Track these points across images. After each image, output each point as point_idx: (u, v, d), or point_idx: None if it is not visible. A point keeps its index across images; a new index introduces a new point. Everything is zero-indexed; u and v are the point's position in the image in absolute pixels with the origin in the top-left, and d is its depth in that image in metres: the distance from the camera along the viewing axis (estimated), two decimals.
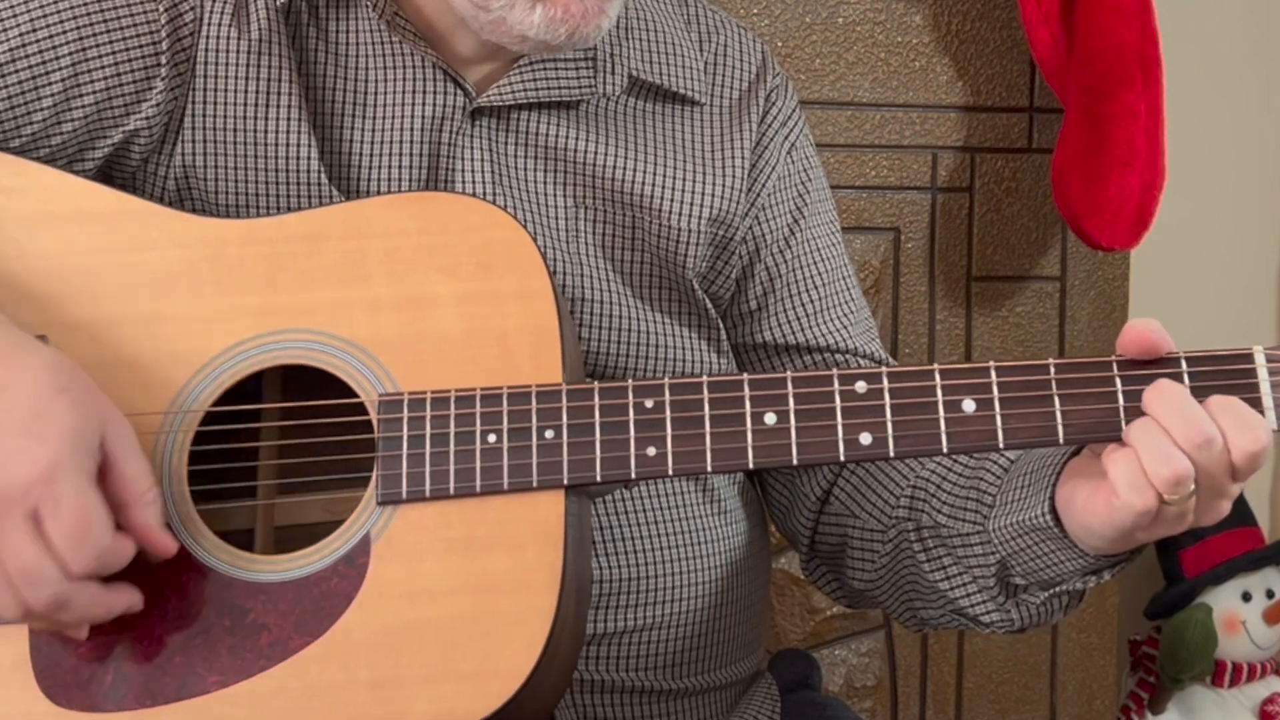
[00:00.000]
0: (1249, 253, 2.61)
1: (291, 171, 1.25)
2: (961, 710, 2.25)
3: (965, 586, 1.24)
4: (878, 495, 1.32)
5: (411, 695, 1.08)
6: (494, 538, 1.10)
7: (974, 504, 1.22)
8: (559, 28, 1.21)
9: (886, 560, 1.31)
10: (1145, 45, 2.07)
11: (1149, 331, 1.08)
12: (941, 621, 1.31)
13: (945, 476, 1.26)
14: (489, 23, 1.22)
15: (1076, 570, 1.14)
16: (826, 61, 2.13)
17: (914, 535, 1.27)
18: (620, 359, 1.31)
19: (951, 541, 1.23)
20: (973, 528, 1.21)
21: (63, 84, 1.23)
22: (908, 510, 1.29)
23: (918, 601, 1.31)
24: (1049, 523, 1.12)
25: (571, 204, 1.31)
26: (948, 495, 1.25)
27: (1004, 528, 1.17)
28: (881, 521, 1.31)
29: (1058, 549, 1.13)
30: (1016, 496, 1.16)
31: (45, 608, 1.04)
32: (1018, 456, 1.21)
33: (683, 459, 1.11)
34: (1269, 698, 2.40)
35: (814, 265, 1.39)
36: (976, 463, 1.25)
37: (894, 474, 1.32)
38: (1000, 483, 1.20)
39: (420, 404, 1.12)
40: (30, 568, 1.02)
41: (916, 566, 1.27)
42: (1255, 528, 2.41)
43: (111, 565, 1.06)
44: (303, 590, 1.10)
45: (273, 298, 1.16)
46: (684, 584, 1.32)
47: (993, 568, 1.20)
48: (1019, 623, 1.23)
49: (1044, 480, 1.13)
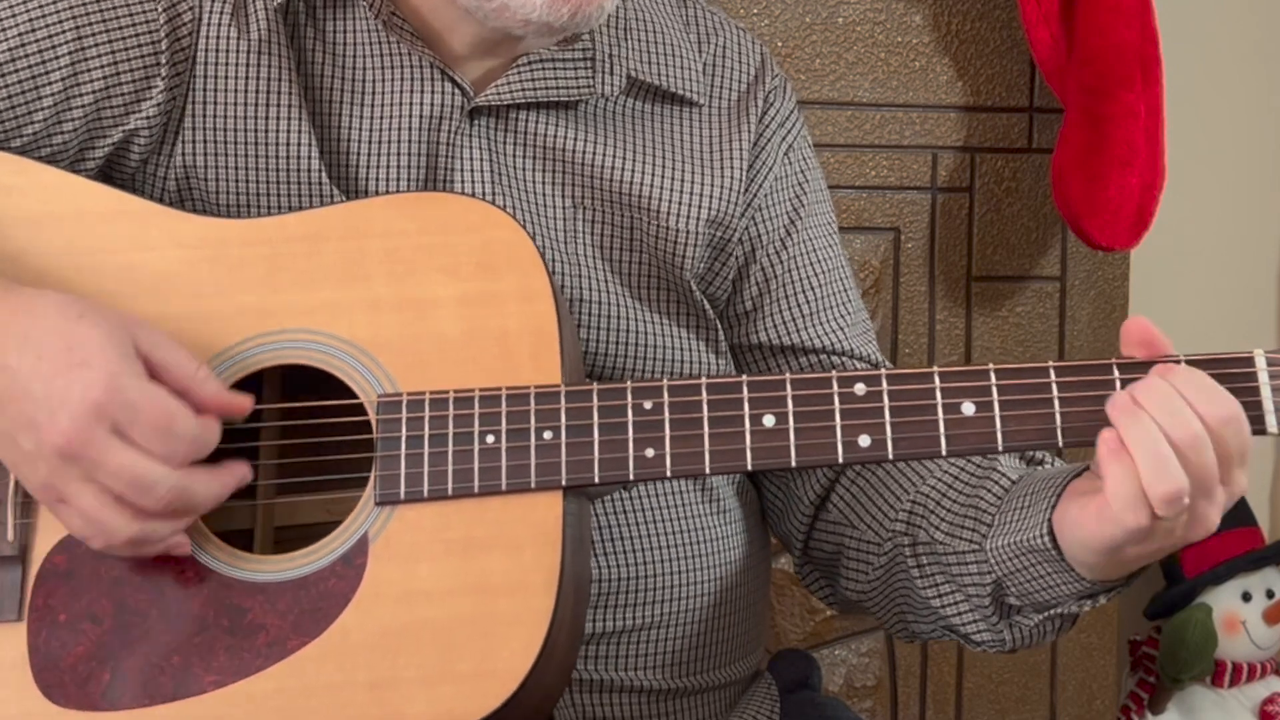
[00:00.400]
0: (1249, 253, 2.61)
1: (292, 171, 1.25)
2: (961, 710, 2.25)
3: (958, 605, 1.24)
4: (876, 507, 1.32)
5: (409, 696, 1.08)
6: (492, 538, 1.10)
7: (972, 522, 1.21)
8: (561, 9, 1.21)
9: (880, 573, 1.31)
10: (1145, 45, 2.07)
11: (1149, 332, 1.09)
12: (933, 635, 1.30)
13: (945, 494, 1.26)
14: (492, 10, 1.22)
15: (1072, 594, 1.14)
16: (826, 61, 2.13)
17: (909, 551, 1.27)
18: (617, 360, 1.31)
19: (947, 559, 1.23)
20: (970, 546, 1.21)
21: (62, 83, 1.23)
22: (905, 524, 1.29)
23: (910, 615, 1.31)
24: (1046, 544, 1.12)
25: (569, 204, 1.30)
26: (946, 512, 1.25)
27: (1001, 548, 1.16)
28: (879, 534, 1.31)
29: (1054, 571, 1.13)
30: (1015, 517, 1.16)
31: (167, 505, 1.06)
32: (1019, 477, 1.21)
33: (681, 460, 1.11)
34: (1269, 698, 2.40)
35: (810, 267, 1.39)
36: (977, 481, 1.24)
37: (894, 486, 1.32)
38: (1000, 503, 1.20)
39: (419, 404, 1.12)
40: (139, 474, 1.05)
41: (910, 581, 1.27)
42: (1255, 528, 2.41)
43: (207, 444, 1.08)
44: (300, 590, 1.10)
45: (272, 298, 1.16)
46: (683, 583, 1.32)
47: (988, 587, 1.20)
48: (1010, 644, 1.23)
49: (1043, 502, 1.13)
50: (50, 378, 1.04)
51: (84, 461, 1.04)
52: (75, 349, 1.05)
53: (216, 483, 1.09)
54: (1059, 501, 1.11)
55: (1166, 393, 1.05)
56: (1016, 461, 1.25)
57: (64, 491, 1.06)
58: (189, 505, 1.08)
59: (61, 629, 1.10)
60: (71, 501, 1.06)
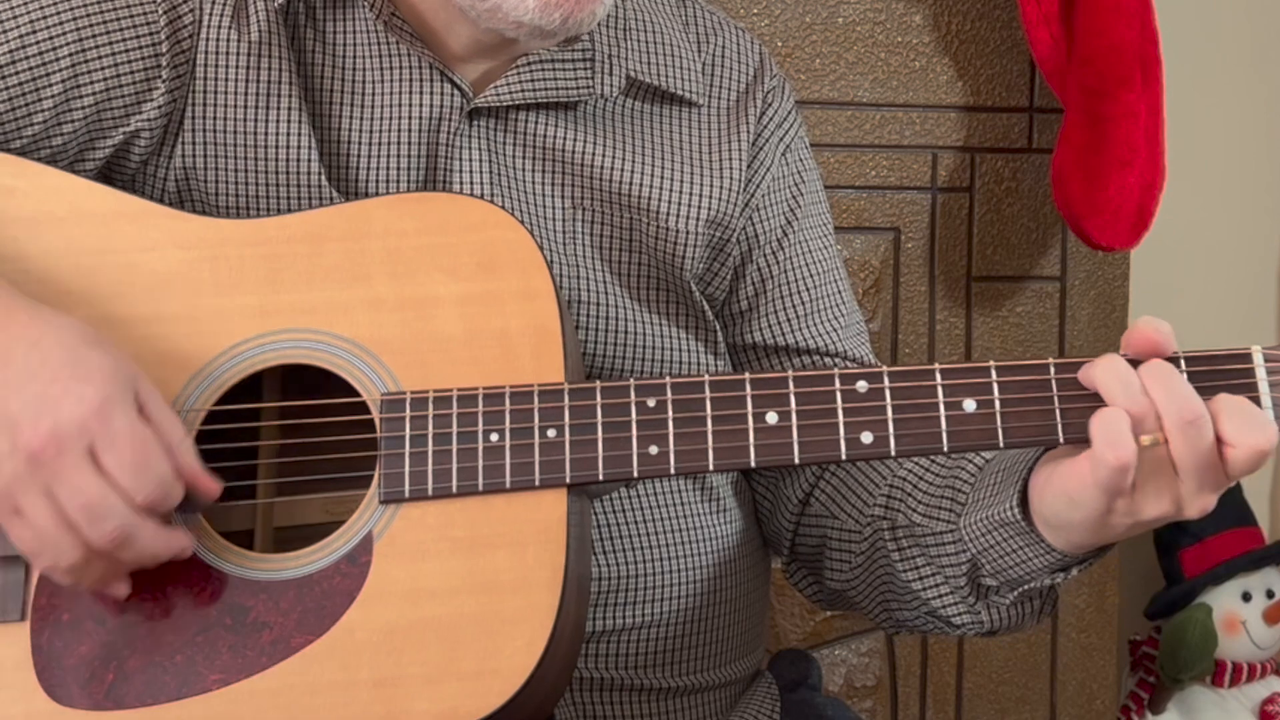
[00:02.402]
0: (1249, 253, 2.61)
1: (291, 173, 1.25)
2: (961, 710, 2.25)
3: (938, 587, 1.24)
4: (855, 495, 1.33)
5: (413, 694, 1.08)
6: (496, 537, 1.10)
7: (948, 502, 1.22)
8: (553, 13, 1.21)
9: (862, 560, 1.31)
10: (1145, 45, 2.07)
11: (1154, 334, 1.08)
12: (916, 624, 1.30)
13: (922, 476, 1.27)
14: (485, 11, 1.22)
15: (1044, 567, 1.14)
16: (826, 61, 2.13)
17: (889, 534, 1.27)
18: (616, 360, 1.31)
19: (925, 541, 1.23)
20: (946, 526, 1.21)
21: (63, 85, 1.23)
22: (884, 509, 1.29)
23: (893, 602, 1.31)
24: (1016, 516, 1.12)
25: (568, 205, 1.31)
26: (923, 495, 1.25)
27: (974, 524, 1.17)
28: (858, 521, 1.32)
29: (1025, 545, 1.13)
30: (988, 494, 1.16)
31: (110, 541, 1.04)
32: (994, 456, 1.21)
33: (685, 458, 1.11)
34: (1269, 698, 2.40)
35: (806, 268, 1.39)
36: (953, 462, 1.25)
37: (872, 474, 1.33)
38: (975, 481, 1.20)
39: (423, 403, 1.12)
40: (94, 501, 1.04)
41: (891, 566, 1.27)
42: (1255, 528, 2.41)
43: (170, 499, 1.07)
44: (304, 589, 1.10)
45: (274, 298, 1.16)
46: (682, 581, 1.32)
47: (964, 567, 1.20)
48: (989, 625, 1.23)
49: (1014, 475, 1.14)
50: (47, 383, 1.04)
51: (49, 472, 1.03)
52: (80, 365, 1.05)
53: (162, 539, 1.08)
54: (1034, 469, 1.11)
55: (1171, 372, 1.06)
56: None
57: (20, 501, 1.05)
58: (131, 549, 1.06)
59: (65, 628, 1.10)
60: (25, 513, 1.05)
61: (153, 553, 1.08)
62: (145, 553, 1.07)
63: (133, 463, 1.04)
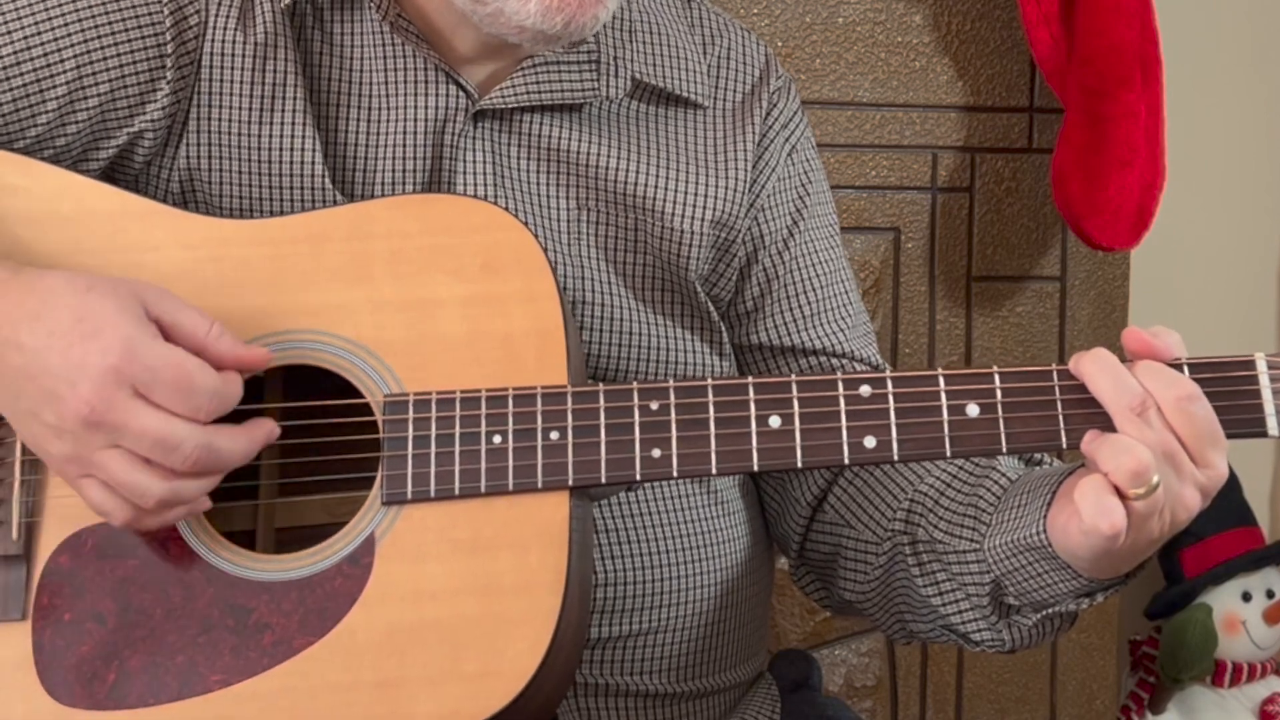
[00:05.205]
0: (1249, 253, 2.61)
1: (295, 174, 1.25)
2: (961, 710, 2.26)
3: (959, 603, 1.24)
4: (874, 507, 1.32)
5: (415, 695, 1.08)
6: (498, 538, 1.10)
7: (972, 521, 1.22)
8: (555, 17, 1.20)
9: (880, 573, 1.31)
10: (1145, 45, 2.07)
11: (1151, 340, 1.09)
12: (931, 636, 1.30)
13: (943, 492, 1.26)
14: (487, 15, 1.22)
15: (1069, 591, 1.14)
16: (826, 61, 2.13)
17: (909, 549, 1.27)
18: (621, 362, 1.31)
19: (947, 558, 1.23)
20: (969, 545, 1.21)
21: (68, 85, 1.23)
22: (904, 523, 1.29)
23: (909, 615, 1.31)
24: (1044, 542, 1.12)
25: (574, 206, 1.30)
26: (945, 511, 1.25)
27: (999, 547, 1.16)
28: (877, 534, 1.31)
29: (1051, 569, 1.13)
30: (1013, 515, 1.16)
31: (194, 464, 1.05)
32: (1017, 476, 1.22)
33: (687, 461, 1.11)
34: (1269, 698, 2.40)
35: (812, 268, 1.39)
36: (975, 480, 1.25)
37: (891, 486, 1.32)
38: (999, 502, 1.20)
39: (425, 404, 1.12)
40: (163, 435, 1.04)
41: (910, 580, 1.27)
42: (1255, 528, 2.41)
43: (229, 399, 1.08)
44: (307, 590, 1.10)
45: (277, 298, 1.16)
46: (690, 586, 1.32)
47: (987, 586, 1.20)
48: (1010, 644, 1.23)
49: (1040, 499, 1.13)
50: (65, 350, 1.04)
51: (108, 427, 1.04)
52: (86, 319, 1.05)
53: (244, 438, 1.09)
54: (1053, 501, 1.12)
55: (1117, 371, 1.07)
56: (1015, 461, 1.26)
57: (90, 462, 1.06)
58: (216, 462, 1.07)
59: (66, 628, 1.10)
60: (99, 471, 1.06)
61: (242, 453, 1.09)
62: (234, 457, 1.08)
63: (178, 387, 1.05)
